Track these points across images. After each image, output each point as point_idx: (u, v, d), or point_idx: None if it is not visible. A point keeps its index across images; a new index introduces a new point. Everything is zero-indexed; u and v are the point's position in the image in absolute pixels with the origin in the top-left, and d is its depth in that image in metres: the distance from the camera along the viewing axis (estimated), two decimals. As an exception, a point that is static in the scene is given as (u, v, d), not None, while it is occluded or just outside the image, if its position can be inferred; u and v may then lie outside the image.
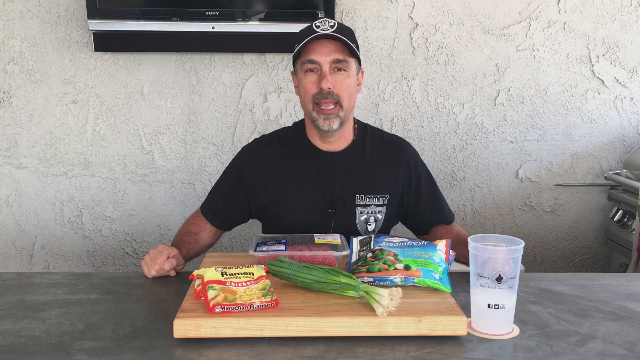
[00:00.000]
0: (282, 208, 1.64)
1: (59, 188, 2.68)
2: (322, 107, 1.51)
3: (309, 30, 1.53)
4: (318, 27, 1.51)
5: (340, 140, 1.62)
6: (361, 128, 1.69)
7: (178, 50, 2.57)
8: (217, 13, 2.46)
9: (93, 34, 2.48)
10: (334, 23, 1.53)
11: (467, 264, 1.45)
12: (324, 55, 1.50)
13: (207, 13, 2.46)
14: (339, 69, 1.52)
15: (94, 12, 2.42)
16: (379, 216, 1.63)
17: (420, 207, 1.69)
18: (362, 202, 1.61)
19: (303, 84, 1.54)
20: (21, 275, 1.52)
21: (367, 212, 1.61)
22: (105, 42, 2.51)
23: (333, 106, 1.52)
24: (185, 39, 2.51)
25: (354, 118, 1.68)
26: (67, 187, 2.68)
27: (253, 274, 1.20)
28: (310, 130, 1.63)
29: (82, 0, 2.45)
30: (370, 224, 1.62)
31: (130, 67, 2.59)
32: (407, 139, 2.65)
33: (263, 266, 1.25)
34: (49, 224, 2.71)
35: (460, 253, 1.49)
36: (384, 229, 1.67)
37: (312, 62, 1.51)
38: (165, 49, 2.55)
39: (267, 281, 1.20)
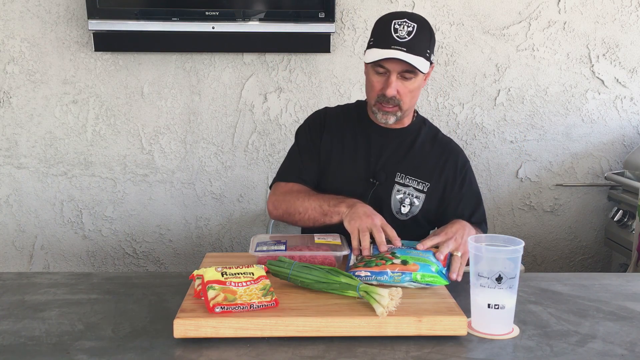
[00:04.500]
0: (328, 170, 1.68)
1: (59, 188, 2.68)
2: (383, 105, 1.58)
3: (385, 33, 1.52)
4: (396, 30, 1.51)
5: (397, 124, 1.66)
6: (420, 119, 1.74)
7: (178, 50, 2.57)
8: (217, 13, 2.46)
9: (93, 34, 2.48)
10: (413, 28, 1.51)
11: None
12: (393, 65, 1.52)
13: (207, 13, 2.46)
14: (406, 78, 1.55)
15: (94, 12, 2.42)
16: (415, 201, 1.64)
17: (460, 208, 1.67)
18: (401, 181, 1.64)
19: (370, 80, 1.58)
20: (21, 275, 1.52)
21: (404, 193, 1.64)
22: (105, 42, 2.51)
23: (392, 106, 1.58)
24: (185, 39, 2.52)
25: (415, 110, 1.73)
26: (67, 187, 2.68)
27: (253, 274, 1.20)
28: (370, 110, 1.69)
29: (82, 0, 2.46)
30: (405, 206, 1.65)
31: (130, 67, 2.59)
32: (407, 139, 2.68)
33: (263, 266, 1.25)
34: (49, 224, 2.71)
35: None
36: (417, 220, 1.66)
37: (382, 67, 1.54)
38: (165, 49, 2.55)
39: (267, 281, 1.20)
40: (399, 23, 1.51)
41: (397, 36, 1.50)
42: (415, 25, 1.51)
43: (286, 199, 1.61)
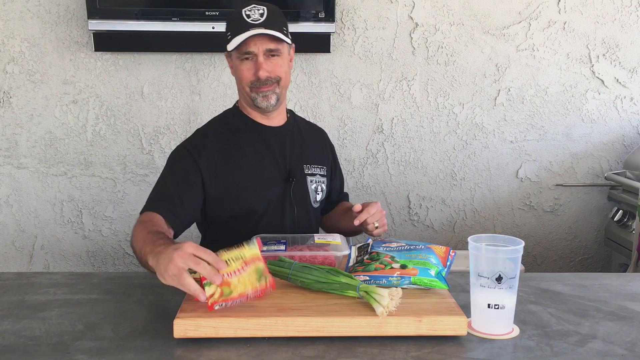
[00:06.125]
0: (245, 186, 1.63)
1: (59, 188, 2.68)
2: (260, 88, 1.60)
3: (240, 21, 1.57)
4: (249, 16, 1.57)
5: (279, 117, 1.71)
6: (289, 110, 1.80)
7: (178, 50, 2.57)
8: (217, 13, 2.46)
9: (93, 34, 2.48)
10: (263, 10, 1.58)
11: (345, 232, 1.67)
12: (257, 45, 1.56)
13: (207, 13, 2.46)
14: (273, 55, 1.59)
15: (94, 12, 2.42)
16: (324, 186, 1.75)
17: (334, 183, 1.85)
18: (310, 172, 1.72)
19: (240, 70, 1.60)
20: (21, 275, 1.52)
21: (315, 182, 1.72)
22: (105, 42, 2.51)
23: (270, 85, 1.60)
24: (185, 39, 2.52)
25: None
26: (67, 187, 2.68)
27: (245, 256, 1.16)
28: (250, 109, 1.69)
29: (82, 0, 2.46)
30: (318, 193, 1.73)
31: (130, 67, 2.59)
32: (407, 139, 2.69)
33: (256, 242, 1.20)
34: (49, 224, 2.71)
35: (346, 224, 1.68)
36: (321, 204, 1.78)
37: (247, 52, 1.57)
38: (165, 49, 2.55)
39: (261, 263, 1.17)
40: (249, 9, 1.58)
41: (251, 20, 1.56)
42: (265, 7, 1.58)
43: (136, 230, 1.39)
